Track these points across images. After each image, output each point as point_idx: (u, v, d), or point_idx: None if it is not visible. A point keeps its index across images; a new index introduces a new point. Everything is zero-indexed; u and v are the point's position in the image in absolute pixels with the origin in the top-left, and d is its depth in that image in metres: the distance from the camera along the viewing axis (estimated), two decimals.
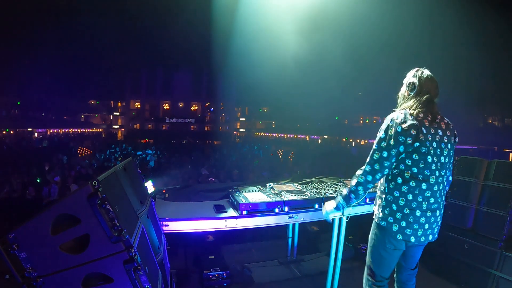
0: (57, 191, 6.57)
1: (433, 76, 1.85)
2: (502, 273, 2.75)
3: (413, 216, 1.76)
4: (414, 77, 1.85)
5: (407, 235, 1.78)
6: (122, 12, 25.97)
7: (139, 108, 40.02)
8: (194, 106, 40.73)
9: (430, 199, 1.77)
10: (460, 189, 3.18)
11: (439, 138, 1.78)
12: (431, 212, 1.79)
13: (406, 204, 1.77)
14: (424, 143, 1.71)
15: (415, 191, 1.75)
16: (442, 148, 1.78)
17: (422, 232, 1.79)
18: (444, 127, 1.82)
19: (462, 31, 16.65)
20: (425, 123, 1.74)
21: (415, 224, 1.77)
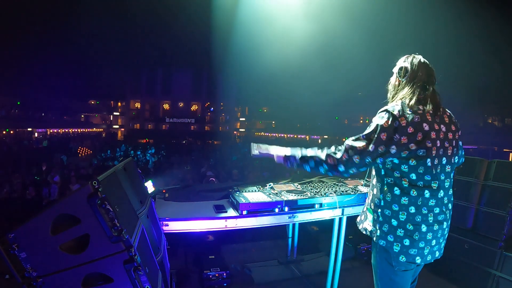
0: (57, 191, 6.57)
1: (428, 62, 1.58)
2: (502, 273, 2.75)
3: (418, 233, 1.46)
4: (405, 62, 1.58)
5: (411, 255, 1.48)
6: (122, 12, 25.98)
7: (139, 108, 40.03)
8: (194, 106, 40.73)
9: (435, 209, 1.48)
10: (460, 189, 3.17)
11: (443, 135, 1.48)
12: (438, 225, 1.51)
13: (409, 219, 1.47)
14: (424, 143, 1.41)
15: (417, 202, 1.45)
16: (446, 147, 1.49)
17: (429, 250, 1.51)
18: (447, 120, 1.54)
19: (462, 30, 16.65)
20: (427, 117, 1.45)
21: (421, 242, 1.47)
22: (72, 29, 26.41)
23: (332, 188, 2.85)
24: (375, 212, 1.58)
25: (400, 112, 1.43)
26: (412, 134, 1.41)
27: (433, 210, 1.48)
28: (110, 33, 28.16)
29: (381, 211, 1.54)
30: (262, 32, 15.74)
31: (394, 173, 1.49)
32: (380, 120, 1.45)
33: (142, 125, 39.01)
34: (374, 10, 14.14)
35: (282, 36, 16.12)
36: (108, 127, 39.68)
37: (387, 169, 1.51)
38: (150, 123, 39.22)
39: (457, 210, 3.17)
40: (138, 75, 38.17)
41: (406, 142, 1.41)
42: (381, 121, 1.44)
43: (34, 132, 28.23)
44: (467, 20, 16.07)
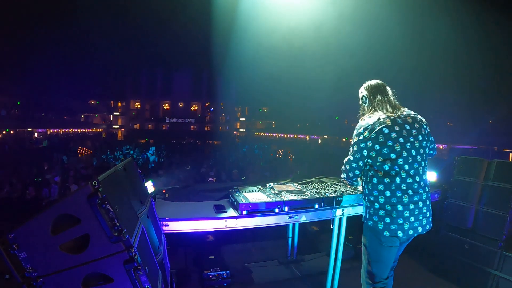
0: (57, 191, 6.57)
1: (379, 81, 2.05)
2: (502, 273, 2.75)
3: (396, 211, 1.84)
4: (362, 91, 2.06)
5: (393, 230, 1.85)
6: (122, 12, 25.98)
7: (139, 108, 40.02)
8: (194, 106, 40.73)
9: (408, 191, 1.85)
10: (460, 189, 3.18)
11: (406, 132, 1.87)
12: (414, 204, 1.85)
13: (386, 201, 1.86)
14: (385, 143, 1.84)
15: (391, 187, 1.85)
16: (411, 142, 1.87)
17: (408, 225, 1.85)
18: (410, 120, 1.92)
19: (463, 31, 16.65)
20: (387, 123, 1.87)
21: (400, 219, 1.84)
22: (72, 29, 26.43)
23: (332, 188, 2.85)
24: (364, 200, 2.03)
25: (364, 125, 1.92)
26: (375, 138, 1.86)
27: (407, 192, 1.85)
28: (110, 33, 28.16)
29: (367, 198, 1.97)
30: (262, 32, 15.73)
31: (372, 167, 1.92)
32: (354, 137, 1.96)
33: (142, 125, 39.01)
34: (375, 11, 14.14)
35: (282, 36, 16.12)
36: (108, 127, 39.67)
37: (369, 165, 1.95)
38: (150, 123, 39.21)
39: (457, 210, 3.19)
40: (138, 75, 38.17)
41: (371, 145, 1.87)
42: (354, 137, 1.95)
43: (34, 132, 28.22)
44: (468, 21, 16.08)
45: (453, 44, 18.15)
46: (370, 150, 1.88)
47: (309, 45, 18.40)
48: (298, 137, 36.49)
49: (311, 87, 26.88)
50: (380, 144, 1.86)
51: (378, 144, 1.86)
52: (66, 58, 29.13)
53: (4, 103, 25.24)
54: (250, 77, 27.65)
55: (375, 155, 1.88)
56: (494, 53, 17.69)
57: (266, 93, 31.71)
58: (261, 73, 26.53)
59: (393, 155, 1.84)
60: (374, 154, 1.88)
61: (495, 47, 17.64)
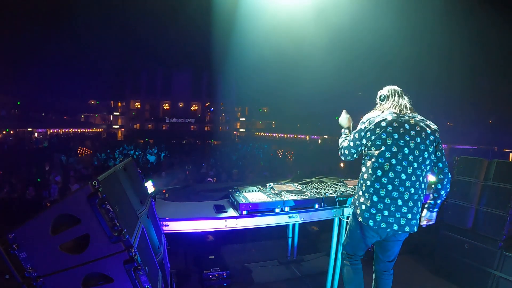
0: (57, 191, 6.56)
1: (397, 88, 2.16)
2: (502, 273, 2.75)
3: (371, 201, 1.95)
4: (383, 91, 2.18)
5: (365, 218, 1.97)
6: (122, 12, 25.97)
7: (139, 108, 40.00)
8: (194, 106, 40.72)
9: (388, 186, 1.92)
10: (460, 189, 3.18)
11: (404, 130, 1.95)
12: (391, 199, 1.92)
13: (366, 189, 1.98)
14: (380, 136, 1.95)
15: (371, 178, 1.96)
16: (407, 140, 1.93)
17: (381, 218, 1.93)
18: (413, 121, 1.99)
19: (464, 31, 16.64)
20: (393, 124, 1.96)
21: (372, 209, 1.94)
22: (72, 29, 26.41)
23: (332, 188, 2.85)
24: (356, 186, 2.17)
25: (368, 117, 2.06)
26: (372, 130, 1.98)
27: (386, 186, 1.93)
28: (110, 33, 28.16)
29: (357, 186, 2.11)
30: (262, 32, 15.74)
31: (366, 156, 2.06)
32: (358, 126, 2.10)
33: (142, 125, 38.99)
34: (375, 11, 14.14)
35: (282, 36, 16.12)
36: (108, 127, 39.66)
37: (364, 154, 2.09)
38: (150, 123, 39.19)
39: (457, 210, 3.19)
40: (138, 75, 38.15)
41: (369, 136, 1.99)
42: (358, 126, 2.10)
43: (34, 132, 28.22)
44: (468, 21, 16.07)
45: (453, 43, 18.15)
46: (367, 139, 2.01)
47: (309, 45, 18.40)
48: (298, 137, 36.48)
49: (311, 87, 26.88)
50: (375, 135, 1.96)
51: (374, 135, 1.97)
52: (66, 58, 29.15)
53: (4, 103, 25.23)
54: (250, 77, 27.67)
55: (370, 144, 2.00)
56: (495, 53, 17.69)
57: (266, 93, 31.74)
58: (261, 73, 26.54)
59: (383, 147, 1.93)
60: (369, 144, 2.00)
61: (496, 47, 17.65)
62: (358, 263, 2.20)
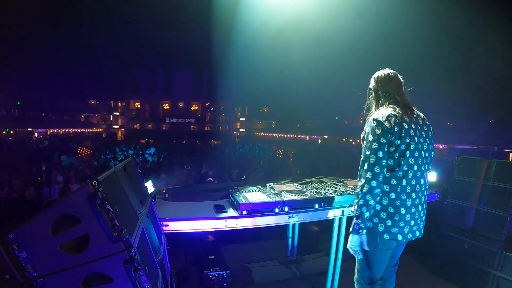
0: (57, 191, 6.56)
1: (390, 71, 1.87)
2: (502, 273, 2.75)
3: (398, 214, 1.75)
4: (372, 82, 1.90)
5: (393, 233, 1.75)
6: (122, 12, 25.97)
7: (139, 108, 40.00)
8: (194, 106, 40.72)
9: (412, 194, 1.76)
10: (460, 189, 3.18)
11: (419, 132, 1.78)
12: (415, 208, 1.78)
13: (390, 203, 1.75)
14: (405, 139, 1.71)
15: (397, 189, 1.74)
16: (422, 143, 1.78)
17: (408, 229, 1.78)
18: (421, 121, 1.84)
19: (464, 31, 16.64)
20: (405, 119, 1.75)
21: (401, 222, 1.75)
22: (72, 29, 26.42)
23: (332, 188, 2.85)
24: None
25: (384, 117, 1.73)
26: (397, 132, 1.71)
27: (411, 195, 1.76)
28: (110, 33, 28.15)
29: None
30: (262, 32, 15.73)
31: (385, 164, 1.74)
32: (372, 129, 1.73)
33: (142, 125, 38.99)
34: (377, 10, 14.14)
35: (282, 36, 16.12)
36: (108, 127, 39.66)
37: None
38: (150, 123, 39.19)
39: (457, 210, 3.18)
40: (138, 75, 38.15)
41: (393, 139, 1.71)
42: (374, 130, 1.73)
43: (34, 132, 28.22)
44: (468, 21, 16.07)
45: (453, 43, 18.16)
46: (391, 145, 1.71)
47: (309, 45, 18.41)
48: (298, 137, 36.49)
49: (311, 87, 26.89)
50: (400, 139, 1.70)
51: (398, 139, 1.70)
52: (66, 58, 29.15)
53: (4, 103, 25.23)
54: (250, 77, 27.67)
55: (392, 151, 1.72)
56: (495, 53, 17.68)
57: (266, 93, 31.74)
58: (261, 73, 26.54)
59: (408, 153, 1.71)
60: (392, 150, 1.72)
61: (496, 46, 17.65)
62: None
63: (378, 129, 1.71)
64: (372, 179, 1.70)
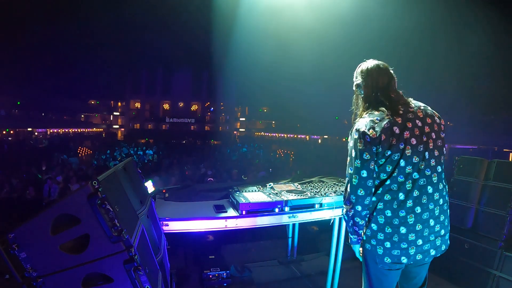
0: (57, 191, 6.56)
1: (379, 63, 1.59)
2: (502, 273, 2.75)
3: (397, 235, 1.47)
4: (357, 78, 1.62)
5: (395, 256, 1.49)
6: (122, 12, 25.97)
7: (139, 108, 40.02)
8: (194, 106, 40.73)
9: (415, 208, 1.46)
10: (460, 189, 3.18)
11: (419, 130, 1.47)
12: (422, 224, 1.48)
13: (386, 222, 1.48)
14: (397, 146, 1.43)
15: (392, 205, 1.47)
16: (425, 141, 1.47)
17: (415, 250, 1.48)
18: (421, 114, 1.52)
19: (464, 31, 16.64)
20: (396, 121, 1.45)
21: (403, 243, 1.47)
22: (72, 29, 26.40)
23: (332, 188, 2.85)
24: None
25: (367, 125, 1.46)
26: (385, 140, 1.43)
27: (414, 210, 1.47)
28: (110, 33, 28.16)
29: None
30: (262, 32, 15.73)
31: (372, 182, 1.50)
32: (355, 142, 1.49)
33: (142, 125, 39.00)
34: (377, 10, 14.13)
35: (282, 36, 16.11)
36: (108, 127, 39.66)
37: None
38: (150, 123, 39.21)
39: (457, 210, 3.18)
40: (138, 75, 38.16)
41: (381, 150, 1.44)
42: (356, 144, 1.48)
43: (34, 132, 28.22)
44: (468, 21, 16.07)
45: (454, 43, 18.16)
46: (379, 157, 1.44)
47: (309, 45, 18.40)
48: (298, 137, 36.49)
49: (311, 87, 26.89)
50: (391, 149, 1.42)
51: (388, 149, 1.42)
52: (66, 58, 29.14)
53: (4, 103, 25.23)
54: (250, 77, 27.66)
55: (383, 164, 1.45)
56: (495, 53, 17.69)
57: (266, 93, 31.74)
58: (262, 73, 26.54)
59: (402, 161, 1.43)
60: (382, 162, 1.45)
61: (496, 46, 17.65)
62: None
63: (360, 143, 1.45)
64: (356, 203, 1.49)
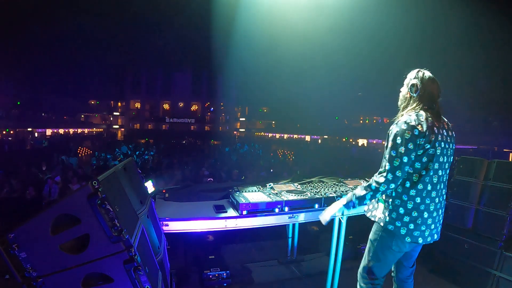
0: (57, 191, 6.56)
1: (434, 77, 1.85)
2: (502, 273, 2.75)
3: (421, 218, 1.78)
4: (416, 79, 1.83)
5: (415, 237, 1.79)
6: (122, 12, 25.98)
7: (139, 108, 40.00)
8: (194, 106, 40.73)
9: (435, 199, 1.80)
10: (460, 189, 3.18)
11: (445, 138, 1.80)
12: (436, 212, 1.83)
13: (414, 207, 1.77)
14: (434, 144, 1.72)
15: (422, 194, 1.76)
16: (447, 148, 1.81)
17: (429, 232, 1.82)
18: (446, 127, 1.86)
19: (463, 31, 16.64)
20: (435, 124, 1.75)
21: (423, 226, 1.79)
22: (72, 29, 26.40)
23: (332, 188, 2.85)
24: (386, 201, 1.86)
25: (416, 121, 1.72)
26: (428, 136, 1.71)
27: (434, 200, 1.80)
28: (110, 33, 28.17)
29: (392, 201, 1.82)
30: (262, 32, 15.74)
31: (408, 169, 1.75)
32: (403, 132, 1.72)
33: (142, 125, 39.00)
34: (377, 11, 14.14)
35: (282, 37, 16.12)
36: (108, 127, 39.65)
37: None
38: (150, 123, 39.20)
39: (457, 210, 3.18)
40: (138, 75, 38.15)
41: (423, 143, 1.71)
42: (403, 133, 1.71)
43: (34, 132, 28.21)
44: (469, 21, 16.07)
45: (454, 43, 18.16)
46: (420, 149, 1.72)
47: (309, 45, 18.40)
48: (298, 137, 36.49)
49: (311, 87, 26.89)
50: (430, 143, 1.71)
51: (428, 143, 1.71)
52: (66, 58, 29.14)
53: (4, 103, 25.23)
54: (250, 77, 27.67)
55: (420, 155, 1.73)
56: (495, 53, 17.69)
57: (266, 93, 31.73)
58: (261, 73, 26.55)
59: (435, 158, 1.74)
60: (420, 154, 1.73)
61: (496, 46, 17.65)
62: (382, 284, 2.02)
63: (408, 133, 1.70)
64: (392, 181, 1.72)
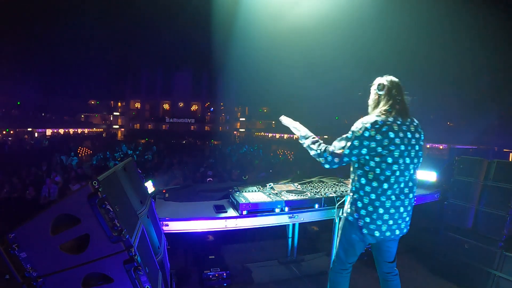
0: (57, 191, 6.56)
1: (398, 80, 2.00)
2: (502, 273, 2.75)
3: (376, 214, 1.92)
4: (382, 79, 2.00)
5: (371, 229, 1.94)
6: (122, 12, 25.98)
7: (139, 108, 40.00)
8: (194, 106, 40.72)
9: (391, 197, 1.91)
10: (460, 189, 3.18)
11: (407, 140, 1.89)
12: (395, 209, 1.93)
13: (370, 203, 1.92)
14: (389, 148, 1.84)
15: (377, 191, 1.90)
16: (409, 150, 1.90)
17: (386, 227, 1.94)
18: (413, 129, 1.94)
19: (463, 31, 16.64)
20: (393, 127, 1.86)
21: (378, 220, 1.93)
22: (72, 29, 26.40)
23: (332, 188, 2.85)
24: (349, 195, 2.07)
25: (372, 124, 1.85)
26: (380, 141, 1.84)
27: (390, 197, 1.91)
28: (110, 32, 28.16)
29: (352, 195, 2.01)
30: (262, 32, 15.73)
31: (363, 167, 1.93)
32: (355, 129, 1.90)
33: (142, 125, 38.99)
34: (377, 11, 14.13)
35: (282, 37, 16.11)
36: (108, 127, 39.64)
37: (360, 164, 1.95)
38: (150, 123, 39.20)
39: (457, 210, 3.18)
40: (138, 75, 38.15)
41: (375, 146, 1.84)
42: (356, 130, 1.89)
43: (34, 132, 28.21)
44: (469, 20, 16.06)
45: (454, 43, 18.15)
46: (371, 150, 1.86)
47: (309, 45, 18.41)
48: None
49: (311, 87, 26.89)
50: (382, 148, 1.84)
51: (381, 147, 1.84)
52: (66, 58, 29.14)
53: (4, 103, 25.22)
54: (250, 77, 27.68)
55: (373, 156, 1.87)
56: (495, 53, 17.68)
57: (266, 93, 31.73)
58: (261, 73, 26.55)
59: (389, 159, 1.86)
60: (373, 154, 1.87)
61: (496, 46, 17.65)
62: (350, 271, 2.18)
63: (359, 132, 1.87)
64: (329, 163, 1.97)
